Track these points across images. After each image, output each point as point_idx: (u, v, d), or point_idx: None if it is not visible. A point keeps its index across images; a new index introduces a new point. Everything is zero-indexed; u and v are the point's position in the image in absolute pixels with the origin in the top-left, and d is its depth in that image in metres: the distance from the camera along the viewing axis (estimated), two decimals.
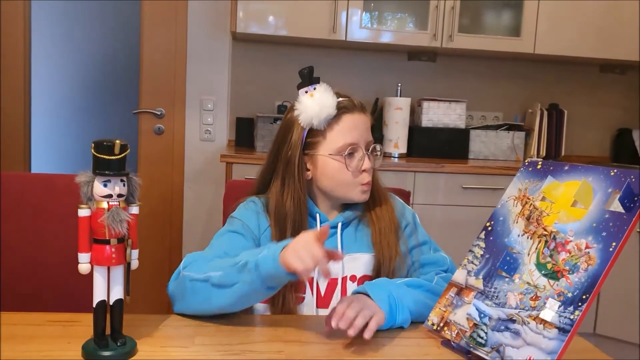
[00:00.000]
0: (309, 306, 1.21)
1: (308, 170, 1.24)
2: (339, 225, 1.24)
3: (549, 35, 2.87)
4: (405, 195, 1.53)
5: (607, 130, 3.38)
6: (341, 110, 1.20)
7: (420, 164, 2.65)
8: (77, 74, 4.11)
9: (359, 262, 1.23)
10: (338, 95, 1.22)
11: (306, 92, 1.19)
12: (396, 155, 2.86)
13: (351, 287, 1.22)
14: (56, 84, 4.07)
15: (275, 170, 1.24)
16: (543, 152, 3.06)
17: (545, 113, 3.06)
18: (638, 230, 2.49)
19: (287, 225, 1.19)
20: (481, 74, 3.25)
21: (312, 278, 1.21)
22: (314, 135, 1.22)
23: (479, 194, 2.65)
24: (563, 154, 3.10)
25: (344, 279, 1.22)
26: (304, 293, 1.21)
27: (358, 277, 1.23)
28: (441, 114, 2.95)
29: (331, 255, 0.94)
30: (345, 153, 1.20)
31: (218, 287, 1.00)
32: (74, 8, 3.98)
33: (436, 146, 2.92)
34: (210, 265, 1.05)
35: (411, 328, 1.05)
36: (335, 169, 1.21)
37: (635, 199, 0.87)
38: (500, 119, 3.26)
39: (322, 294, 1.21)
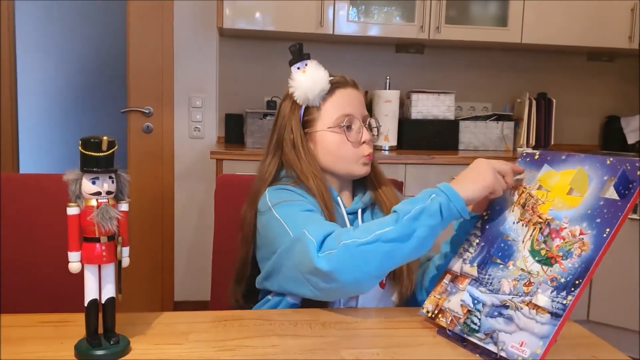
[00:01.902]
0: None
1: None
2: (359, 211, 1.24)
3: (536, 24, 2.88)
4: (399, 186, 1.53)
5: (596, 118, 3.40)
6: (334, 85, 1.23)
7: (410, 155, 2.66)
8: (63, 73, 4.08)
9: None
10: (330, 74, 1.24)
11: (298, 68, 1.22)
12: (387, 148, 2.85)
13: None
14: (43, 84, 4.04)
15: (286, 160, 1.22)
16: (532, 142, 3.07)
17: (534, 102, 3.07)
18: (637, 218, 2.51)
19: (322, 205, 1.15)
20: (469, 65, 3.25)
21: None
22: (310, 114, 1.22)
23: None
24: (552, 142, 3.12)
25: None
26: None
27: None
28: (430, 106, 2.95)
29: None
30: (343, 124, 1.20)
31: (394, 240, 0.97)
32: (59, 7, 3.95)
33: (426, 138, 2.92)
34: (359, 230, 0.99)
35: (406, 317, 1.05)
36: (335, 142, 1.21)
37: (630, 185, 0.87)
38: (489, 110, 3.26)
39: None
